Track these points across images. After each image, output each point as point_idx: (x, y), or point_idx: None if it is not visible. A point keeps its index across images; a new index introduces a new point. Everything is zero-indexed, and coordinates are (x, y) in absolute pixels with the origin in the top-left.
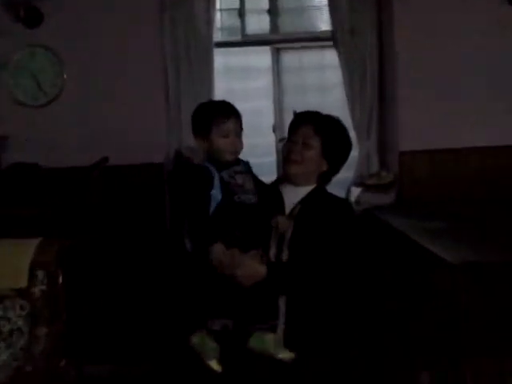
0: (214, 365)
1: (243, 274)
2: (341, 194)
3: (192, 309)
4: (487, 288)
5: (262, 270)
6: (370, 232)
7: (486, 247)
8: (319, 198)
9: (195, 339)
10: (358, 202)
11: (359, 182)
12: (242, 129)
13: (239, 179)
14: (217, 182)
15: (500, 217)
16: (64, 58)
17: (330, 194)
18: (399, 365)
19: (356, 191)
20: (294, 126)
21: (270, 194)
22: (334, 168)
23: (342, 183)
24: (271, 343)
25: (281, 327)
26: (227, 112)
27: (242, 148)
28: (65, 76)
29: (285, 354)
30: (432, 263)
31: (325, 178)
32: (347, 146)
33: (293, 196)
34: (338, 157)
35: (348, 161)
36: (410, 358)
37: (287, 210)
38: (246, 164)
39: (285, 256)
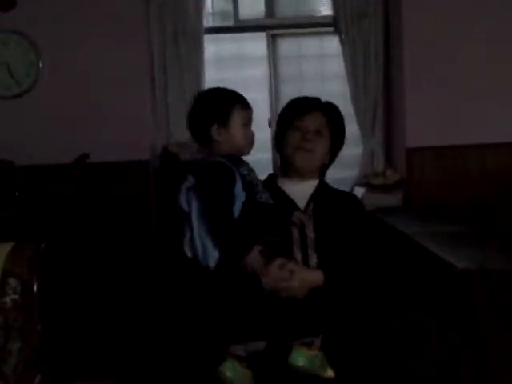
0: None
1: (299, 284)
2: None
3: (208, 333)
4: (502, 297)
5: (318, 275)
6: (375, 236)
7: (499, 253)
8: (328, 194)
9: (228, 371)
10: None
11: (363, 181)
12: None
13: (255, 177)
14: (238, 180)
15: None
16: (39, 45)
17: (335, 189)
18: (405, 377)
19: (360, 191)
20: (299, 113)
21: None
22: (332, 162)
23: (345, 183)
24: (318, 361)
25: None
26: (245, 100)
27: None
28: (40, 65)
29: (330, 373)
30: (442, 270)
31: (323, 171)
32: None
33: (299, 192)
34: (339, 150)
35: (351, 159)
36: (419, 373)
37: (301, 206)
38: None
39: (313, 261)
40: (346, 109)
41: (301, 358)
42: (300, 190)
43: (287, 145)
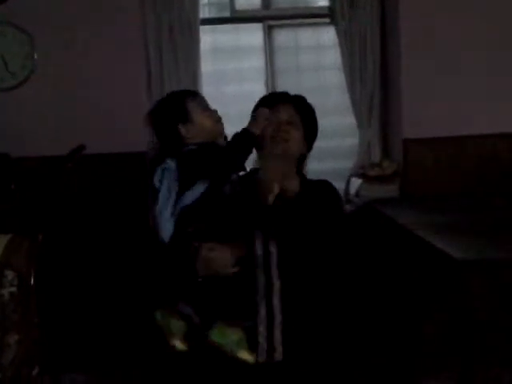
0: (178, 344)
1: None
2: (340, 185)
3: (162, 290)
4: (497, 287)
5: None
6: (372, 227)
7: (496, 243)
8: (302, 185)
9: (158, 316)
10: (358, 194)
11: (360, 172)
12: None
13: None
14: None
15: None
16: (35, 37)
17: (311, 180)
18: (403, 369)
19: (356, 183)
20: (270, 106)
21: (249, 184)
22: (308, 152)
23: (341, 174)
24: (234, 339)
25: (261, 331)
26: (191, 90)
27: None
28: (36, 56)
29: (245, 355)
30: (438, 261)
31: (300, 162)
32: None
33: None
34: (313, 140)
35: (347, 149)
36: (415, 362)
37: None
38: None
39: (273, 247)
40: (343, 99)
41: (217, 333)
42: None
43: (262, 138)
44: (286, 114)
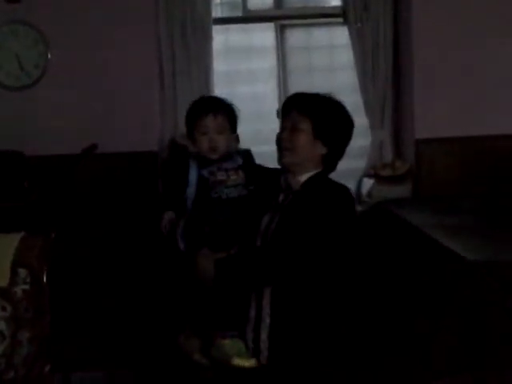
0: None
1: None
2: (351, 185)
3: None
4: (510, 288)
5: (209, 267)
6: (383, 228)
7: (509, 244)
8: (314, 187)
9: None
10: (370, 194)
11: (371, 172)
12: (228, 125)
13: (221, 175)
14: (193, 179)
15: None
16: (48, 36)
17: (329, 182)
18: (415, 372)
19: (368, 183)
20: (284, 113)
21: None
22: (336, 149)
23: (354, 174)
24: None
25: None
26: (205, 108)
27: (224, 145)
28: (49, 55)
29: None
30: (451, 262)
31: (328, 161)
32: (344, 122)
33: (292, 186)
34: (335, 136)
35: (360, 150)
36: (425, 366)
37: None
38: (246, 153)
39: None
40: (355, 100)
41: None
42: (292, 184)
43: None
44: (290, 121)
